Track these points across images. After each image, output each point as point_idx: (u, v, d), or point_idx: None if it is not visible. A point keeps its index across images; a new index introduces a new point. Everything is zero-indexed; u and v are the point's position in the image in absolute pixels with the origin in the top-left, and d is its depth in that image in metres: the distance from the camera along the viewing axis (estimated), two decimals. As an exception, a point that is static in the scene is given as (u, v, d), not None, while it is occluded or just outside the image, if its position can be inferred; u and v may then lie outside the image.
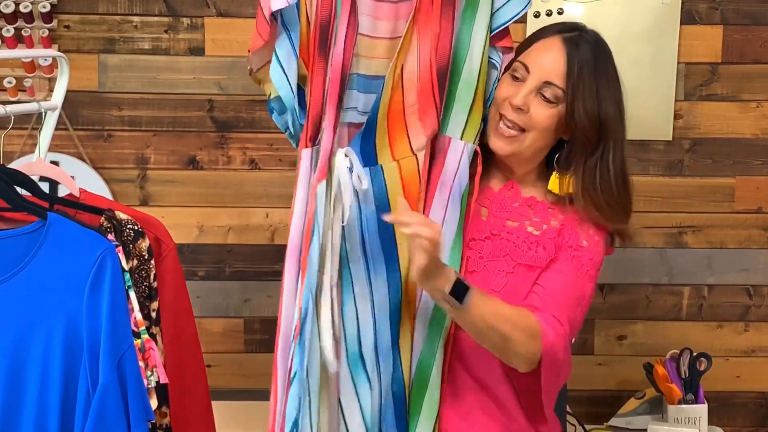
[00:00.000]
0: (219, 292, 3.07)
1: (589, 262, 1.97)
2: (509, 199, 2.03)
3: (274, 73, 1.91)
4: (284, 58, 1.91)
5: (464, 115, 1.97)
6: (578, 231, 1.99)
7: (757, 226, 3.10)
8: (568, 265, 1.97)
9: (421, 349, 1.97)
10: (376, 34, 1.93)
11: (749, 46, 3.03)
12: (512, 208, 2.02)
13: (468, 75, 1.97)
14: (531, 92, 1.95)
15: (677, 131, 3.05)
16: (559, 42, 1.97)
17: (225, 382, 3.03)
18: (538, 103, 1.95)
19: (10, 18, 2.87)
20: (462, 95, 1.97)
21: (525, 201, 2.03)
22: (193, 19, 2.99)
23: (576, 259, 1.97)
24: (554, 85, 1.94)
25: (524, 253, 1.97)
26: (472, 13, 1.97)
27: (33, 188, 1.96)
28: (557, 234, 1.98)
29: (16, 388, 1.82)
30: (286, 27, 1.90)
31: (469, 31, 1.97)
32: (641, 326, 3.12)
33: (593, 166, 1.97)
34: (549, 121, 1.95)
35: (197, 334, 2.09)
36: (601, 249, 2.01)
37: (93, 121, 3.00)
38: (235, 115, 3.03)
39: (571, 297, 1.96)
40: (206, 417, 2.11)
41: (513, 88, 1.97)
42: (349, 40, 1.89)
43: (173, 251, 2.02)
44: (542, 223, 2.00)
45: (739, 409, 3.16)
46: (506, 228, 2.00)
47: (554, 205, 2.02)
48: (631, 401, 2.95)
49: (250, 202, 3.05)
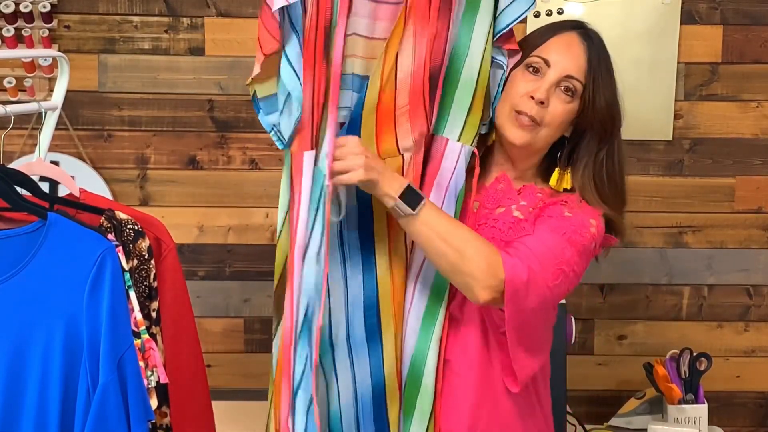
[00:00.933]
0: (219, 292, 3.07)
1: (571, 228, 1.94)
2: (500, 191, 2.04)
3: (285, 73, 1.90)
4: (294, 59, 1.89)
5: (462, 116, 1.97)
6: (561, 207, 1.98)
7: (757, 226, 3.10)
8: (545, 227, 1.95)
9: (414, 346, 1.98)
10: (374, 35, 1.93)
11: (749, 46, 3.04)
12: (502, 196, 2.03)
13: (467, 77, 1.97)
14: (552, 86, 1.97)
15: (677, 131, 3.05)
16: (577, 37, 2.01)
17: (225, 382, 3.03)
18: (558, 97, 1.98)
19: (10, 18, 2.87)
20: (460, 97, 1.97)
21: (515, 191, 2.04)
22: (193, 19, 2.99)
23: (557, 222, 1.95)
24: (575, 79, 1.98)
25: (506, 233, 1.97)
26: (472, 14, 1.97)
27: (33, 188, 1.95)
28: (540, 210, 1.99)
29: (16, 388, 1.82)
30: (295, 28, 1.89)
31: (468, 33, 1.97)
32: (641, 326, 3.12)
33: (603, 159, 2.01)
34: (566, 116, 1.99)
35: (197, 334, 2.09)
36: (588, 225, 1.96)
37: (93, 121, 3.00)
38: (235, 115, 3.03)
39: (543, 250, 1.91)
40: (206, 417, 2.11)
41: (532, 82, 1.98)
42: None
43: (173, 251, 2.02)
44: (528, 206, 2.00)
45: (739, 409, 3.16)
46: (493, 215, 2.01)
47: (544, 191, 2.04)
48: (631, 401, 2.95)
49: (250, 202, 3.06)
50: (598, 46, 2.01)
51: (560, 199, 2.02)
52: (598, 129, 2.00)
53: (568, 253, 1.93)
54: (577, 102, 1.99)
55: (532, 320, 1.94)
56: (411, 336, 1.99)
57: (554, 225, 1.95)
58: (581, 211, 1.99)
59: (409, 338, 1.99)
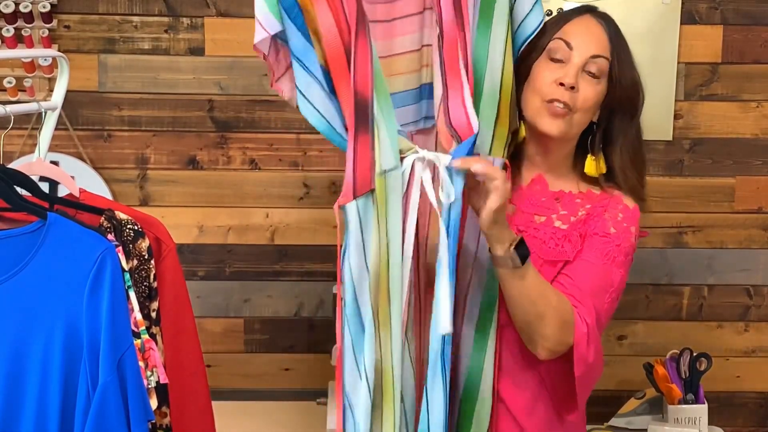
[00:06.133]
0: (219, 292, 3.07)
1: (616, 249, 1.97)
2: (537, 193, 2.03)
3: (305, 111, 1.82)
4: (310, 93, 1.82)
5: (489, 130, 1.94)
6: (605, 218, 1.99)
7: (757, 226, 3.10)
8: (593, 253, 1.97)
9: (469, 363, 1.97)
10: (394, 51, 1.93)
11: (749, 46, 3.03)
12: (540, 202, 2.02)
13: (489, 89, 1.93)
14: (579, 69, 1.96)
15: (677, 131, 3.05)
16: (593, 18, 2.01)
17: (225, 382, 3.03)
18: (586, 81, 1.96)
19: (10, 18, 2.87)
20: (485, 111, 1.93)
21: (552, 195, 2.03)
22: (193, 19, 2.99)
23: (603, 246, 1.97)
24: (601, 57, 1.97)
25: (551, 249, 1.98)
26: (486, 25, 1.93)
27: (33, 188, 1.95)
28: (583, 224, 1.99)
29: (16, 389, 1.82)
30: (298, 57, 1.80)
31: (485, 44, 1.93)
32: (641, 326, 3.12)
33: (634, 135, 2.03)
34: (597, 98, 1.98)
35: (197, 335, 2.09)
36: (630, 235, 2.00)
37: (93, 121, 3.00)
38: (235, 115, 3.03)
39: (597, 285, 1.95)
40: (206, 417, 2.11)
41: (558, 70, 1.96)
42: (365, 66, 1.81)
43: (173, 251, 2.02)
44: (569, 216, 2.00)
45: (739, 409, 3.16)
46: (533, 224, 2.00)
47: (582, 195, 2.03)
48: (631, 401, 2.95)
49: (250, 202, 3.06)
50: (613, 25, 2.02)
51: (600, 205, 2.01)
52: (627, 106, 2.01)
53: (616, 278, 1.98)
54: (605, 83, 1.98)
55: (590, 361, 1.97)
56: (465, 348, 1.98)
57: (601, 250, 1.96)
58: (624, 217, 2.00)
59: (464, 352, 1.97)
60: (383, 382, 1.83)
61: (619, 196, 2.02)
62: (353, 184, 1.77)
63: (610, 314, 2.01)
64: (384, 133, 1.78)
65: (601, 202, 2.01)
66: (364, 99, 1.77)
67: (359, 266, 1.79)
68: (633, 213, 2.01)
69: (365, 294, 1.79)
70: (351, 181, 1.77)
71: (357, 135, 1.77)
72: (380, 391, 1.83)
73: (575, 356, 1.90)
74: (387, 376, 1.82)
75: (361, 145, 1.77)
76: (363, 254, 1.78)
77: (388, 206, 1.79)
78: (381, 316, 1.81)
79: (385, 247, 1.79)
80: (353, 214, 1.77)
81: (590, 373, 1.96)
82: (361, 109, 1.77)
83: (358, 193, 1.77)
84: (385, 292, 1.80)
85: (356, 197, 1.77)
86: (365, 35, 1.78)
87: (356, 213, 1.77)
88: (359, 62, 1.77)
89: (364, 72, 1.77)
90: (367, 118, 1.78)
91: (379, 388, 1.83)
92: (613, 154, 2.02)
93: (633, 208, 2.02)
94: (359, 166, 1.77)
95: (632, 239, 2.00)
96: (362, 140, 1.77)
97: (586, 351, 1.92)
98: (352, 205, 1.77)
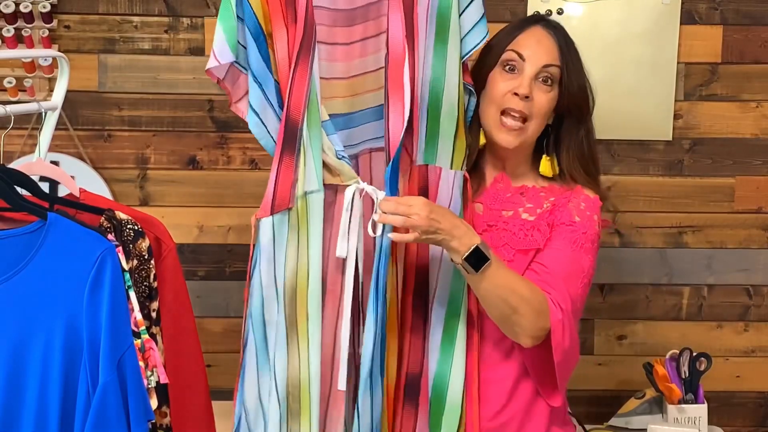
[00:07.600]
0: (219, 292, 3.07)
1: (583, 236, 2.07)
2: (501, 190, 2.14)
3: (256, 130, 1.96)
4: (266, 116, 1.95)
5: (450, 144, 2.04)
6: (569, 208, 2.09)
7: (757, 226, 3.10)
8: (562, 241, 2.06)
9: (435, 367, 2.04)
10: (331, 75, 1.98)
11: (749, 46, 3.03)
12: (505, 198, 2.13)
13: (448, 107, 2.03)
14: (532, 79, 2.06)
15: (677, 131, 3.05)
16: (542, 29, 2.11)
17: (225, 382, 3.02)
18: (539, 89, 2.07)
19: (10, 18, 2.87)
20: (445, 126, 2.03)
21: (516, 190, 2.14)
22: (193, 19, 2.99)
23: (570, 234, 2.06)
24: (553, 65, 2.08)
25: (521, 239, 2.07)
26: (443, 43, 2.02)
27: (33, 188, 1.96)
28: (549, 214, 2.09)
29: (16, 388, 1.82)
30: (258, 81, 1.93)
31: (442, 63, 2.02)
32: (641, 326, 3.12)
33: (582, 138, 2.13)
34: (550, 104, 2.09)
35: (197, 334, 2.09)
36: (594, 223, 2.10)
37: (93, 121, 3.00)
38: (235, 115, 3.00)
39: (569, 270, 2.04)
40: (206, 417, 2.11)
41: (511, 80, 2.07)
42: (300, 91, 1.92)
43: (173, 251, 2.02)
44: (536, 208, 2.11)
45: (739, 409, 3.16)
46: (502, 218, 2.11)
47: (545, 189, 2.14)
48: (631, 401, 2.95)
49: (250, 202, 3.05)
50: (563, 34, 2.12)
51: (564, 196, 2.11)
52: (576, 111, 2.12)
53: (586, 263, 2.07)
54: (556, 89, 2.09)
55: (568, 346, 2.03)
56: (432, 356, 2.04)
57: (569, 237, 2.06)
58: (586, 206, 2.10)
59: (431, 359, 2.04)
60: (300, 392, 1.93)
61: (580, 188, 2.13)
62: (272, 201, 1.91)
63: (583, 300, 2.09)
64: (310, 157, 1.90)
65: (564, 194, 2.12)
66: (294, 123, 1.90)
67: (269, 280, 1.92)
68: (594, 202, 2.12)
69: (272, 307, 1.92)
70: (270, 197, 1.91)
71: (282, 155, 1.91)
72: (297, 401, 1.93)
73: (553, 344, 1.98)
74: (304, 386, 1.93)
75: (284, 166, 1.91)
76: (273, 269, 1.91)
77: (309, 226, 1.92)
78: (300, 328, 1.92)
79: (305, 264, 1.91)
80: (267, 229, 1.91)
81: (568, 359, 2.03)
82: (290, 132, 1.90)
83: (276, 210, 1.91)
84: (303, 307, 1.92)
85: (273, 213, 1.90)
86: (306, 62, 1.89)
87: (270, 228, 1.91)
88: (295, 88, 1.90)
89: (299, 97, 1.89)
90: (295, 141, 1.90)
91: (296, 399, 1.93)
92: (561, 155, 2.14)
93: (594, 198, 2.13)
94: (280, 185, 1.90)
95: (596, 227, 2.10)
96: (287, 161, 1.90)
97: (562, 338, 1.99)
98: (268, 220, 1.91)
